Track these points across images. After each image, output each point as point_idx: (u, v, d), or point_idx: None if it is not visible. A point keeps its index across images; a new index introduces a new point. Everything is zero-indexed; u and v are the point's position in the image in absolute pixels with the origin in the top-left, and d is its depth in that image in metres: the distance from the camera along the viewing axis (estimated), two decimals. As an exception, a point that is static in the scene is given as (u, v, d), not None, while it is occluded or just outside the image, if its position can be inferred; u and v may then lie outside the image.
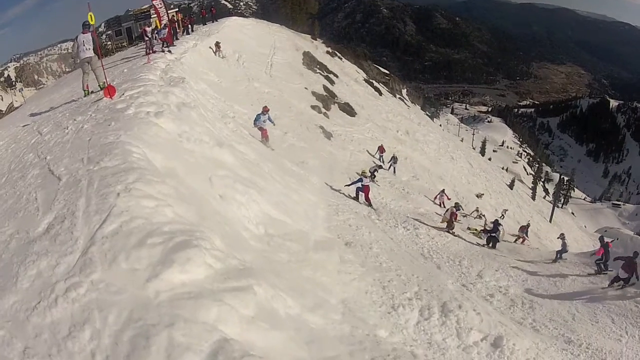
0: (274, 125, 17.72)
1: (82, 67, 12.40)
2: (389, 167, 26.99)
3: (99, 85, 12.47)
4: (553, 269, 15.25)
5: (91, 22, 11.72)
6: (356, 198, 16.48)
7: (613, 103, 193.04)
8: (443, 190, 26.23)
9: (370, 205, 16.35)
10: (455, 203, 19.52)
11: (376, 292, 8.45)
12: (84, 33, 11.91)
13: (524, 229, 22.64)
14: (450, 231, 16.99)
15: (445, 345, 7.72)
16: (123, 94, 11.92)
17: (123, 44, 37.80)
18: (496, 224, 18.29)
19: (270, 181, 11.89)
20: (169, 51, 20.22)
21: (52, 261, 4.90)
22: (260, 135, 16.70)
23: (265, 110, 16.67)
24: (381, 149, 28.82)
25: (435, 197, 25.37)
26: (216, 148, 10.75)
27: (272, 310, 5.19)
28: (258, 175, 11.44)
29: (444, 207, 24.25)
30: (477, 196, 38.42)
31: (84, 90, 12.56)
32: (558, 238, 17.41)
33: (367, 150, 29.10)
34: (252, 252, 7.30)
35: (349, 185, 16.67)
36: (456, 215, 17.59)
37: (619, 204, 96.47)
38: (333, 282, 8.04)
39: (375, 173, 21.97)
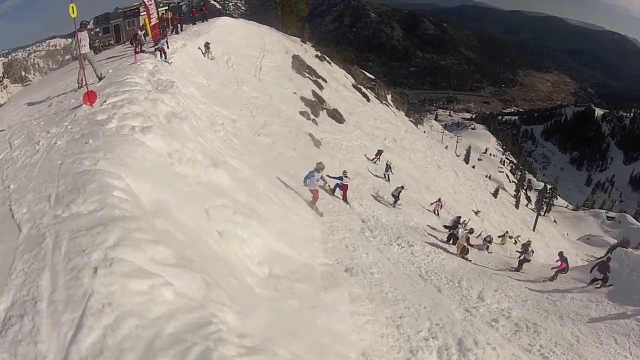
0: (327, 184, 16.13)
1: (80, 62, 12.87)
2: (386, 176, 26.83)
3: (97, 77, 13.37)
4: (550, 287, 15.22)
5: (72, 15, 10.96)
6: (332, 192, 17.54)
7: (598, 111, 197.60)
8: (439, 199, 26.50)
9: (346, 202, 17.30)
10: (470, 228, 19.44)
11: (391, 334, 8.03)
12: (81, 31, 12.72)
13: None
14: (465, 257, 16.81)
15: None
16: (105, 101, 10.66)
17: (111, 42, 36.58)
18: (457, 222, 19.05)
19: (268, 203, 11.41)
20: (166, 61, 19.10)
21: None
22: (311, 198, 14.59)
23: (320, 167, 14.54)
24: (379, 154, 29.27)
25: (432, 204, 25.64)
26: (211, 169, 9.69)
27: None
28: (256, 199, 10.87)
29: (438, 215, 24.69)
30: (475, 213, 37.88)
31: (78, 84, 13.03)
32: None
33: (365, 155, 29.13)
34: (261, 304, 6.34)
35: (331, 177, 16.67)
36: (468, 239, 17.47)
37: (613, 217, 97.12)
38: (348, 328, 7.48)
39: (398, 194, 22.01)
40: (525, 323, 11.15)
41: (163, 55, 19.22)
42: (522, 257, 18.11)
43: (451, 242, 18.25)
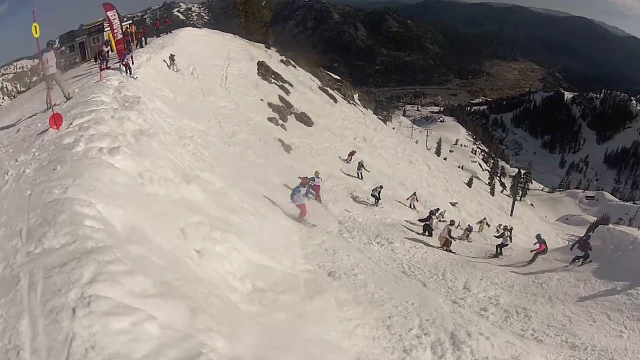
0: (313, 197, 16.54)
1: (47, 83, 13.01)
2: (358, 175, 27.01)
3: (65, 97, 13.28)
4: (534, 269, 15.06)
5: (35, 35, 10.67)
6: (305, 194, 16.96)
7: (568, 95, 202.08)
8: (414, 193, 26.96)
9: (320, 202, 17.39)
10: (451, 220, 19.65)
11: (383, 335, 7.96)
12: (48, 51, 12.76)
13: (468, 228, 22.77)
14: (448, 249, 16.88)
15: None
16: (71, 123, 10.29)
17: (76, 60, 35.76)
18: (430, 213, 19.77)
19: (244, 214, 11.33)
20: (131, 76, 18.76)
21: None
22: (298, 213, 14.61)
23: (304, 182, 14.85)
24: (351, 154, 29.56)
25: (408, 199, 25.99)
26: (183, 185, 9.48)
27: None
28: (231, 211, 10.74)
29: (415, 209, 25.04)
30: (452, 204, 38.22)
31: (47, 104, 12.71)
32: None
33: (339, 156, 29.20)
34: (248, 321, 6.15)
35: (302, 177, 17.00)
36: (450, 231, 17.37)
37: (592, 196, 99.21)
38: (339, 335, 7.40)
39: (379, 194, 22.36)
40: (514, 309, 11.10)
41: (128, 70, 18.89)
42: (499, 243, 18.06)
43: (426, 233, 18.41)
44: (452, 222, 18.57)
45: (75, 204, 5.96)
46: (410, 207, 25.23)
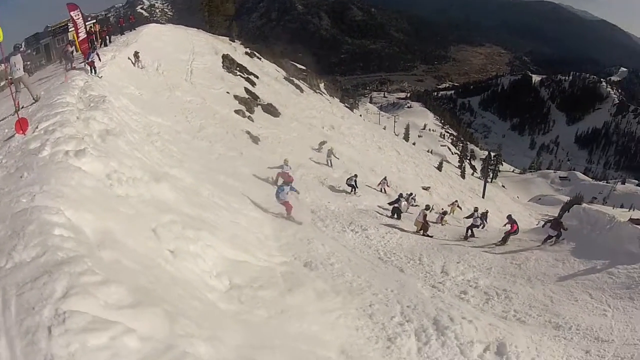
0: (299, 193, 15.86)
1: (15, 86, 12.87)
2: (328, 162, 27.20)
3: (33, 99, 13.23)
4: (510, 250, 15.13)
5: None
6: (275, 182, 17.88)
7: (536, 78, 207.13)
8: (385, 178, 27.34)
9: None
10: (426, 205, 19.71)
11: (366, 325, 7.93)
12: (15, 54, 13.08)
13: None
14: (425, 234, 16.93)
15: (455, 366, 7.41)
16: (37, 127, 9.88)
17: (42, 62, 34.78)
18: (399, 196, 20.22)
19: (216, 209, 11.19)
20: (97, 75, 18.29)
21: None
22: (284, 210, 14.37)
23: (289, 180, 15.07)
24: (322, 144, 29.79)
25: (379, 184, 26.47)
26: (153, 184, 9.20)
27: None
28: (202, 207, 10.55)
29: (386, 194, 25.28)
30: (424, 189, 38.48)
31: (15, 107, 12.40)
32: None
33: (310, 147, 29.31)
34: (228, 320, 6.01)
35: (272, 167, 18.47)
36: (426, 215, 17.42)
37: (566, 176, 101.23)
38: (322, 328, 7.32)
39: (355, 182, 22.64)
40: (494, 290, 11.11)
41: (93, 69, 18.51)
42: (469, 225, 18.12)
43: (395, 216, 18.70)
44: (427, 207, 18.62)
45: (44, 212, 5.70)
46: (381, 191, 25.62)
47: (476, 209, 20.05)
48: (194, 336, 4.63)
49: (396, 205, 19.16)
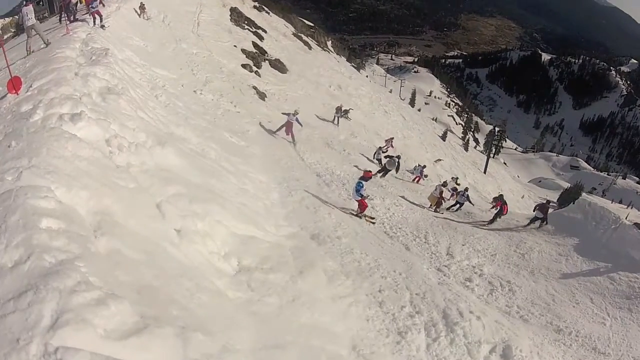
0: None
1: (28, 33, 14.05)
2: (335, 119, 26.86)
3: (44, 43, 13.88)
4: (516, 238, 14.96)
5: None
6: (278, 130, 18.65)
7: (545, 56, 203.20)
8: (392, 139, 26.73)
9: (293, 141, 18.37)
10: (444, 181, 19.65)
11: (376, 315, 7.83)
12: (26, 5, 14.20)
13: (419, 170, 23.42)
14: (438, 210, 16.84)
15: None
16: (31, 86, 9.11)
17: (45, 15, 33.52)
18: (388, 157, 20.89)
19: (223, 175, 10.85)
20: (102, 26, 17.68)
21: None
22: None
23: (367, 175, 13.86)
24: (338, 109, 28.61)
25: (385, 146, 25.35)
26: (157, 149, 8.60)
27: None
28: (210, 174, 10.17)
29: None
30: (435, 162, 37.92)
31: (27, 51, 13.67)
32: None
33: (322, 104, 29.37)
34: (239, 314, 5.61)
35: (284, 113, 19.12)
36: (442, 192, 17.29)
37: (577, 166, 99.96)
38: (333, 318, 7.15)
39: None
40: (499, 281, 11.16)
41: (99, 19, 17.73)
42: (454, 202, 18.20)
43: (380, 175, 19.03)
44: (444, 183, 18.41)
45: (30, 196, 4.92)
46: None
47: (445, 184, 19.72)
48: (208, 354, 4.12)
49: (385, 165, 19.62)
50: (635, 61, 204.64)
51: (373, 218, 13.39)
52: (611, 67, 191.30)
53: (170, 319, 4.28)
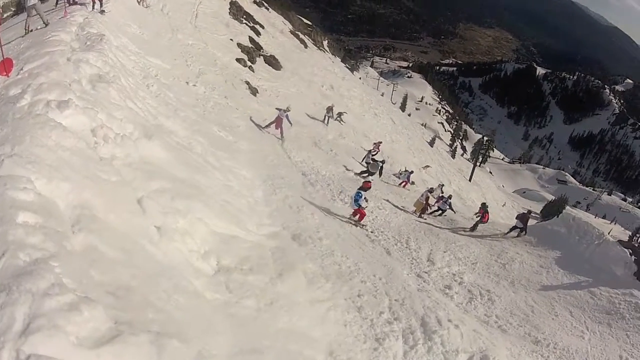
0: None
1: (28, 12, 13.54)
2: (326, 118, 27.01)
3: (44, 23, 13.57)
4: (498, 248, 15.03)
5: None
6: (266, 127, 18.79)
7: (540, 70, 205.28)
8: (380, 143, 26.48)
9: (282, 137, 18.52)
10: (430, 188, 19.58)
11: (354, 320, 7.80)
12: None
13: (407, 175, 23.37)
14: (423, 215, 16.89)
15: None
16: (22, 69, 8.89)
17: None
18: (373, 161, 20.96)
19: (209, 170, 10.88)
20: (102, 11, 17.48)
21: None
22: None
23: (366, 186, 14.22)
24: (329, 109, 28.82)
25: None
26: (143, 142, 8.48)
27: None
28: (195, 169, 10.15)
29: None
30: (423, 168, 38.17)
31: (25, 30, 13.39)
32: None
33: (313, 103, 29.39)
34: (216, 317, 5.57)
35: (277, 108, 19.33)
36: (428, 198, 17.29)
37: (564, 181, 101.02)
38: (311, 322, 7.11)
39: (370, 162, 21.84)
40: (478, 290, 11.24)
41: (99, 4, 17.56)
42: (436, 208, 18.20)
43: (363, 175, 18.93)
44: (431, 189, 18.44)
45: (9, 187, 4.72)
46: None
47: (441, 188, 20.61)
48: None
49: (369, 168, 19.69)
50: (630, 81, 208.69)
51: (365, 225, 13.42)
52: (605, 85, 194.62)
53: (146, 323, 4.17)
